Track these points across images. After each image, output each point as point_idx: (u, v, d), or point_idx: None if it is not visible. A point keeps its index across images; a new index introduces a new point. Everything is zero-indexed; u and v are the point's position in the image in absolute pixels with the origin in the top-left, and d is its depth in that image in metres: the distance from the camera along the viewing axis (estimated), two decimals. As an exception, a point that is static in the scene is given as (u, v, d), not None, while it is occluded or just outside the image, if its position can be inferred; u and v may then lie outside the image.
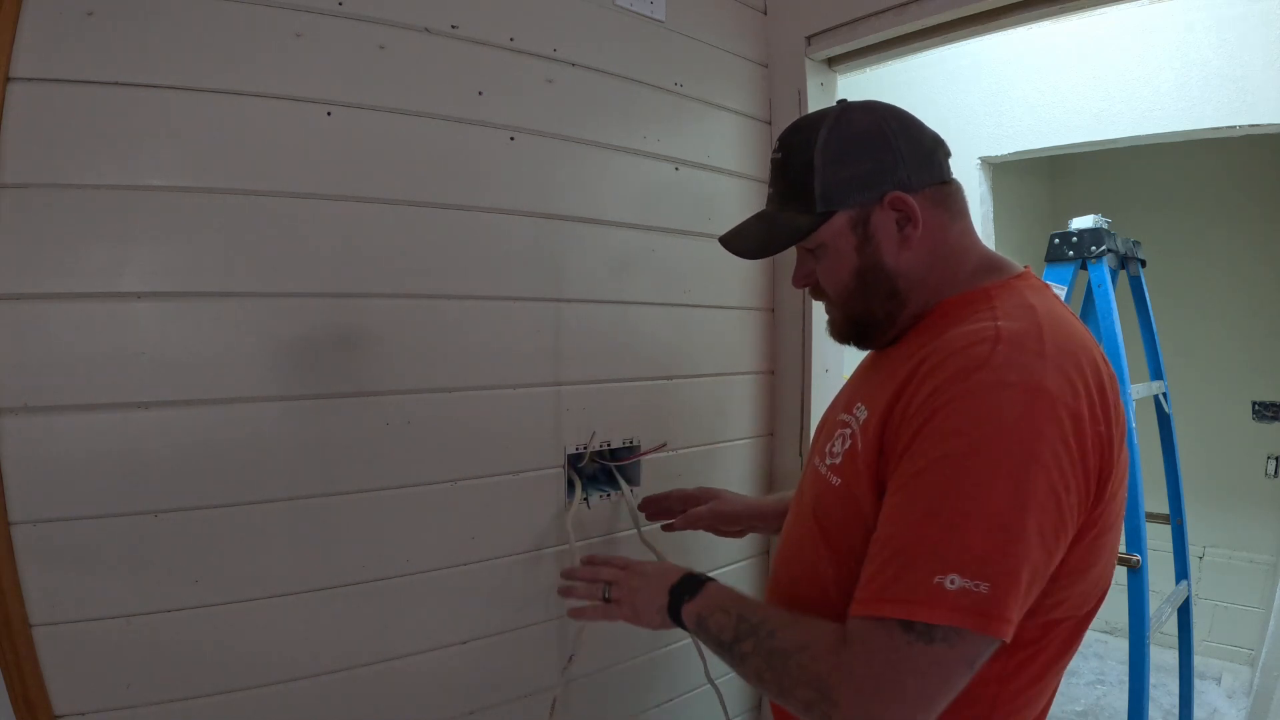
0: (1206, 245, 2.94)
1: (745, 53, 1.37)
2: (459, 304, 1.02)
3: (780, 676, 0.67)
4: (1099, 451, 0.62)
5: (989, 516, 0.58)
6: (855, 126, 0.75)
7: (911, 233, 0.74)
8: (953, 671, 0.59)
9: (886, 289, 0.75)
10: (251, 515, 0.88)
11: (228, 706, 0.88)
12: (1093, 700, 2.65)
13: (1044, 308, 0.69)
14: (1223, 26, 1.92)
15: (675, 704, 1.31)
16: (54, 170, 0.77)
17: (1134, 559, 1.73)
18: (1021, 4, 1.14)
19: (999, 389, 0.61)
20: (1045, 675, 0.72)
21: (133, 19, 0.80)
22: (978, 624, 0.57)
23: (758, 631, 0.71)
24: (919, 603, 0.58)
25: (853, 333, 0.80)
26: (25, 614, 0.77)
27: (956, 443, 0.60)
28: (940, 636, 0.58)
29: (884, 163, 0.73)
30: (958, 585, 0.57)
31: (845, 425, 0.76)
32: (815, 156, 0.74)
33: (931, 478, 0.61)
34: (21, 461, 0.77)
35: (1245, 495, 2.87)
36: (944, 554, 0.58)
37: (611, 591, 0.91)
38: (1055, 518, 0.59)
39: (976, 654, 0.59)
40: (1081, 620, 0.72)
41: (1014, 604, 0.58)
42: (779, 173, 0.79)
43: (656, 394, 1.24)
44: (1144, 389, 1.95)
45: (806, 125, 0.77)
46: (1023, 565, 0.58)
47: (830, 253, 0.77)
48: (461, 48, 1.01)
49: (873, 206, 0.74)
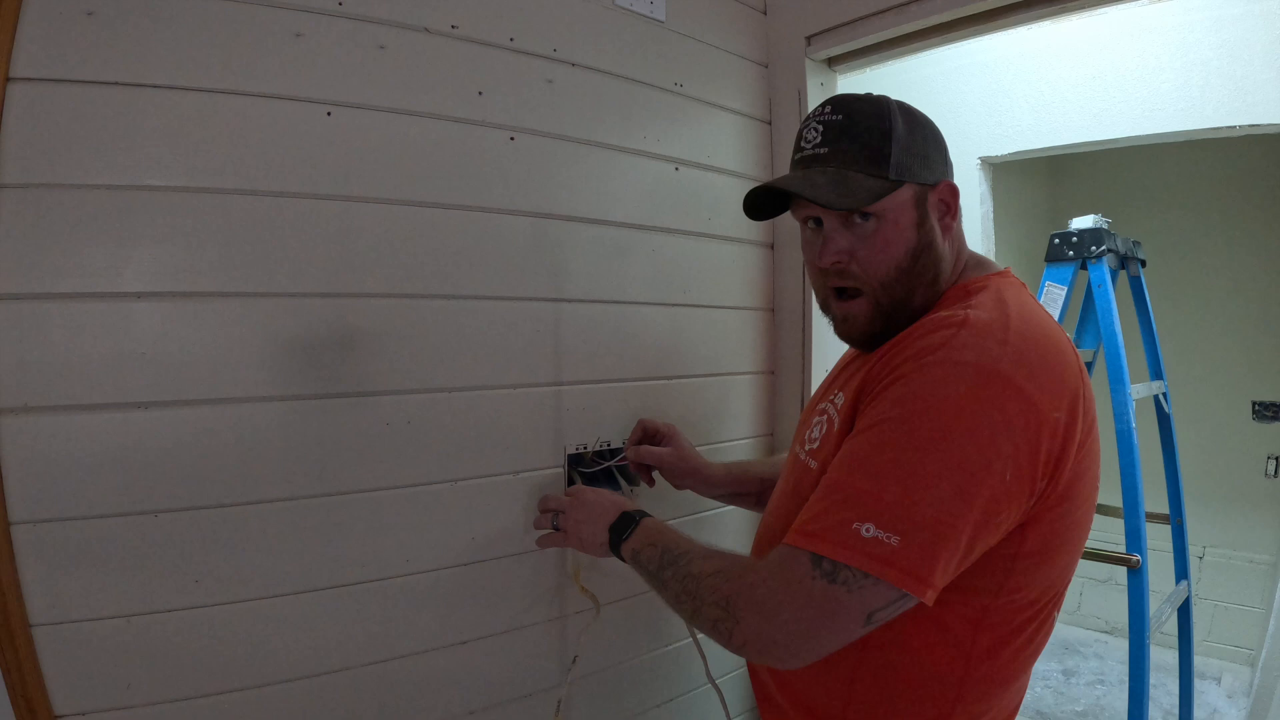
0: (1206, 245, 2.94)
1: (745, 53, 1.37)
2: (459, 304, 1.02)
3: (693, 598, 0.72)
4: (1053, 437, 0.64)
5: (915, 477, 0.61)
6: (919, 113, 0.78)
7: (950, 223, 0.77)
8: (845, 614, 0.62)
9: (932, 273, 0.76)
10: (251, 515, 0.88)
11: (228, 706, 0.88)
12: (1093, 700, 2.65)
13: (1016, 302, 0.71)
14: (1223, 26, 1.92)
15: (676, 704, 1.31)
16: (54, 170, 0.77)
17: (1134, 559, 1.73)
18: (1021, 4, 1.14)
19: (952, 366, 0.64)
20: (1013, 663, 0.73)
21: (133, 19, 0.80)
22: (881, 570, 0.60)
23: (678, 561, 0.77)
24: (832, 541, 0.62)
25: (879, 330, 0.76)
26: (25, 614, 0.77)
27: (901, 409, 0.65)
28: (843, 579, 0.61)
29: (941, 152, 0.78)
30: (871, 534, 0.61)
31: (823, 413, 0.80)
32: (894, 125, 0.74)
33: (871, 435, 0.65)
34: (21, 461, 0.77)
35: (1245, 495, 2.87)
36: (865, 503, 0.62)
37: (559, 521, 0.99)
38: (987, 492, 0.61)
39: (875, 605, 0.62)
40: (1047, 609, 0.73)
41: (923, 561, 0.60)
42: (843, 134, 0.74)
43: (656, 394, 1.24)
44: (1144, 389, 1.95)
45: (871, 98, 0.76)
46: (935, 526, 0.60)
47: (888, 226, 0.73)
48: (461, 48, 1.01)
49: (929, 189, 0.76)
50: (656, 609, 1.25)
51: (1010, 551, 0.67)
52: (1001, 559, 0.67)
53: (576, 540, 0.96)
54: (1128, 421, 1.76)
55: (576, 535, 0.95)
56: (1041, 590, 0.71)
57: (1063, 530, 0.69)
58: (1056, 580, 0.72)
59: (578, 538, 0.95)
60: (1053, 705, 2.63)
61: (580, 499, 0.97)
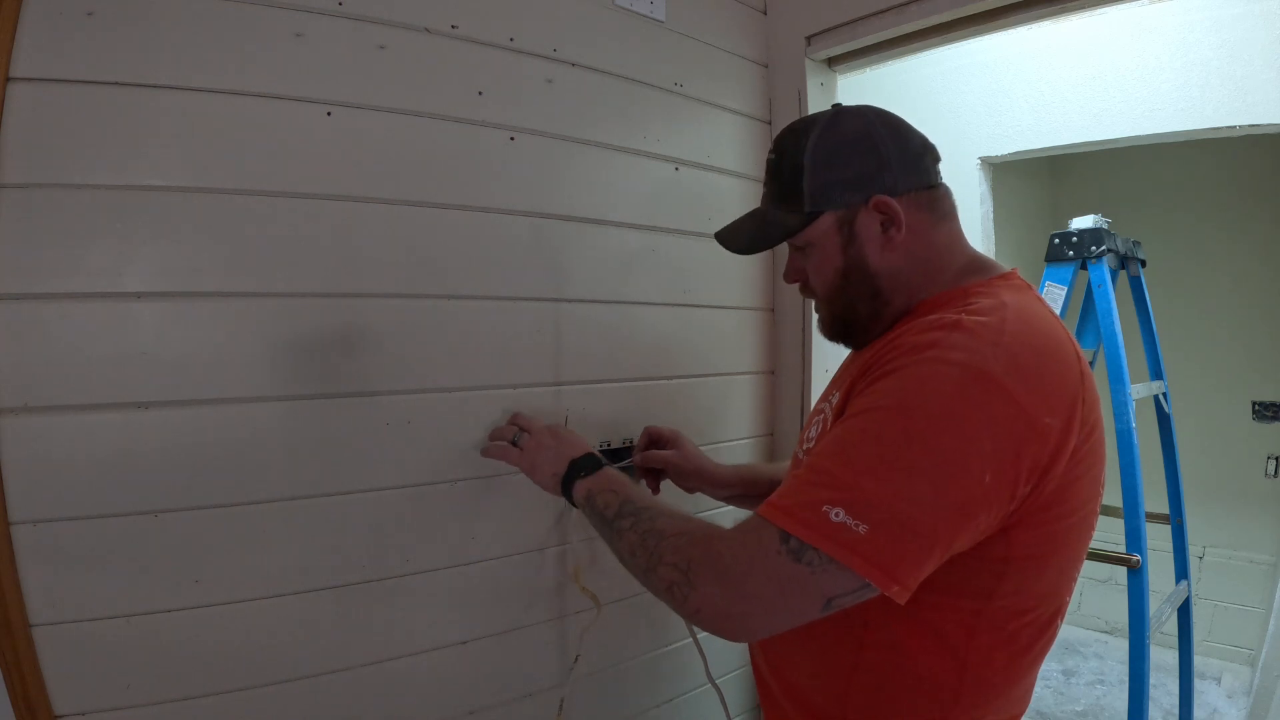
0: (1206, 245, 2.94)
1: (745, 53, 1.38)
2: (459, 304, 1.02)
3: (650, 554, 0.71)
4: (1042, 442, 0.63)
5: (891, 470, 0.61)
6: (845, 130, 0.78)
7: (895, 235, 0.77)
8: (804, 594, 0.62)
9: (869, 288, 0.79)
10: (251, 515, 0.88)
11: (228, 706, 0.88)
12: (1093, 700, 2.65)
13: (1016, 304, 0.70)
14: (1223, 26, 1.92)
15: (676, 704, 1.31)
16: (54, 170, 0.77)
17: (1134, 559, 1.73)
18: (1021, 4, 1.14)
19: (939, 364, 0.64)
20: (1012, 669, 0.72)
21: (133, 19, 0.80)
22: (844, 557, 0.60)
23: (640, 514, 0.76)
24: (800, 519, 0.62)
25: (840, 330, 0.84)
26: (25, 614, 0.77)
27: (887, 400, 0.65)
28: (807, 559, 0.61)
29: (870, 167, 0.76)
30: (840, 519, 0.60)
31: (820, 413, 0.81)
32: (805, 159, 0.78)
33: (855, 423, 0.66)
34: (21, 461, 0.77)
35: (1245, 495, 2.87)
36: (838, 488, 0.62)
37: (521, 439, 0.96)
38: (963, 492, 0.61)
39: (836, 591, 0.62)
40: (1047, 620, 0.73)
41: (889, 553, 0.60)
42: (772, 173, 0.83)
43: (656, 394, 1.24)
44: (1144, 389, 1.95)
45: (799, 129, 0.81)
46: (905, 520, 0.60)
47: (817, 252, 0.80)
48: (461, 48, 1.01)
49: (859, 208, 0.77)
50: (657, 609, 1.25)
51: (1000, 555, 0.66)
52: (992, 563, 0.67)
53: (529, 463, 0.93)
54: (1128, 421, 1.76)
55: (531, 458, 0.93)
56: (1039, 597, 0.70)
57: (1056, 536, 0.68)
58: (1054, 586, 0.71)
59: (530, 461, 0.93)
60: (1053, 705, 2.63)
61: (555, 429, 0.96)
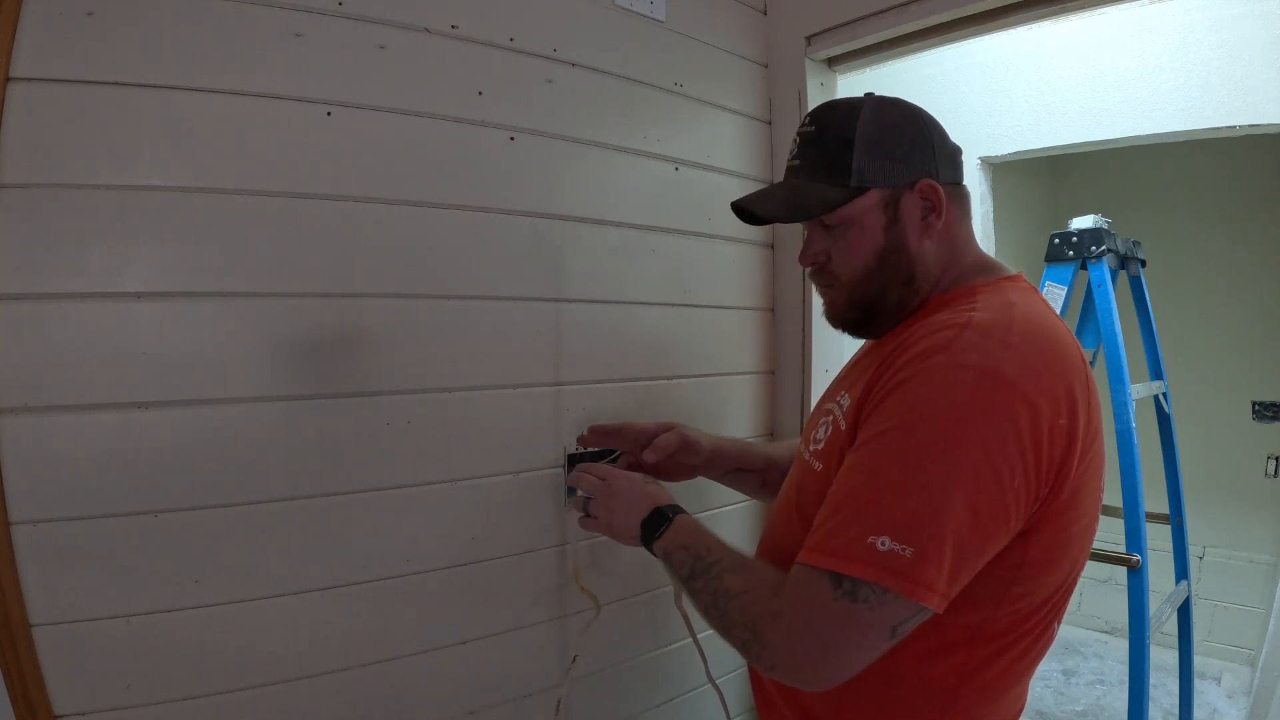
0: (1206, 245, 2.94)
1: (745, 53, 1.37)
2: (459, 304, 1.02)
3: (723, 616, 0.72)
4: (1056, 443, 0.63)
5: (921, 486, 0.61)
6: (898, 113, 0.77)
7: (934, 222, 0.76)
8: (870, 631, 0.62)
9: (905, 273, 0.77)
10: (252, 515, 0.88)
11: (228, 706, 0.88)
12: (1093, 700, 2.65)
13: (1023, 305, 0.70)
14: (1223, 26, 1.92)
15: (676, 704, 1.31)
16: (54, 170, 0.77)
17: (1134, 559, 1.73)
18: (1021, 4, 1.14)
19: (953, 370, 0.64)
20: (1010, 672, 0.73)
21: (133, 19, 0.80)
22: (899, 585, 0.60)
23: (709, 571, 0.76)
24: (849, 558, 0.62)
25: (855, 319, 0.81)
26: (25, 614, 0.77)
27: (904, 415, 0.64)
28: (863, 596, 0.61)
29: (921, 151, 0.76)
30: (887, 547, 0.60)
31: (828, 413, 0.80)
32: (857, 132, 0.76)
33: (877, 445, 0.65)
34: (21, 461, 0.77)
35: (1245, 495, 2.87)
36: (877, 516, 0.62)
37: (590, 507, 0.97)
38: (993, 497, 0.61)
39: (898, 619, 0.62)
40: (1047, 623, 0.73)
41: (937, 572, 0.60)
42: (810, 145, 0.79)
43: (656, 394, 1.24)
44: (1144, 389, 1.95)
45: (846, 105, 0.79)
46: (948, 535, 0.60)
47: (855, 230, 0.77)
48: (461, 48, 1.01)
49: (904, 190, 0.76)
50: (657, 609, 1.25)
51: (1014, 560, 0.66)
52: (1006, 567, 0.66)
53: (608, 528, 0.95)
54: (1128, 421, 1.76)
55: (608, 524, 0.94)
56: (1043, 600, 0.70)
57: (1067, 539, 0.68)
58: (1059, 588, 0.71)
59: (608, 525, 0.94)
60: (1053, 705, 2.63)
61: (612, 486, 0.95)
